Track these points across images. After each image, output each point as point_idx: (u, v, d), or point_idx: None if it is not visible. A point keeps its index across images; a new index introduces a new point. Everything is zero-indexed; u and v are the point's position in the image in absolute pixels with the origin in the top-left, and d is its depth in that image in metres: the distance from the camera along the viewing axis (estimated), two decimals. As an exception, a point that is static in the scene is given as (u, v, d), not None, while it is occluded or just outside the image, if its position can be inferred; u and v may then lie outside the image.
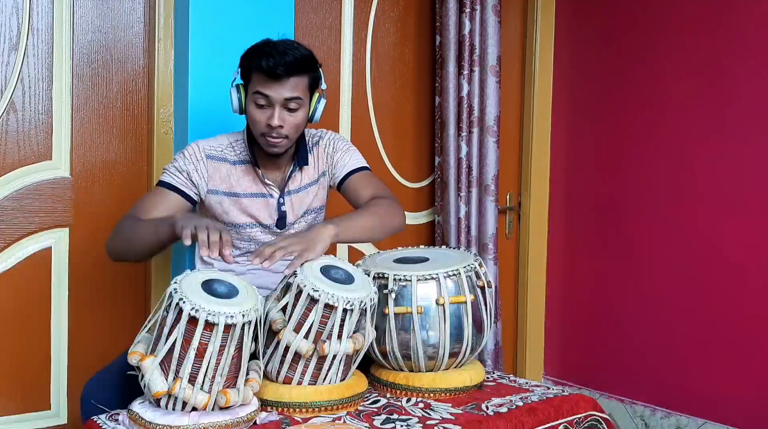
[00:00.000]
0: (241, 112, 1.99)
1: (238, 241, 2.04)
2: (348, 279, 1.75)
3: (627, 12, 3.05)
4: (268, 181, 2.04)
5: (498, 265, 3.10)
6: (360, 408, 1.76)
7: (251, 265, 1.96)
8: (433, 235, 3.11)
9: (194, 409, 1.56)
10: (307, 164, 2.07)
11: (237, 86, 1.98)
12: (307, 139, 2.11)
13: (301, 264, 1.72)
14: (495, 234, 3.04)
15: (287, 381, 1.72)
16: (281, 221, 2.05)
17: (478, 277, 1.88)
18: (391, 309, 1.80)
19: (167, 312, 1.57)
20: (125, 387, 1.78)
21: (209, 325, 1.53)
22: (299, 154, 2.05)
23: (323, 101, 2.02)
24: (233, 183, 2.02)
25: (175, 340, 1.54)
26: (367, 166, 2.14)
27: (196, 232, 1.66)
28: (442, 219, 3.03)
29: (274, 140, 1.94)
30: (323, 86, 2.01)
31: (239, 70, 1.98)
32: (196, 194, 2.02)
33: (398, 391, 1.84)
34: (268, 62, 1.87)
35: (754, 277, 2.70)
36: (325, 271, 1.74)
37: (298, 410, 1.69)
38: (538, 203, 3.32)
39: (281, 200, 2.04)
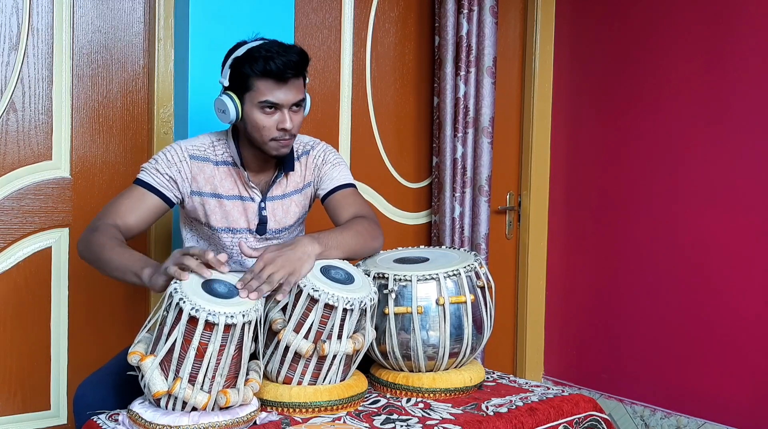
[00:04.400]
0: (237, 122, 1.92)
1: (221, 248, 2.01)
2: (348, 279, 1.75)
3: (628, 12, 3.05)
4: (252, 184, 1.98)
5: (489, 265, 3.10)
6: (360, 408, 1.76)
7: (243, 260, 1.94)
8: (431, 235, 3.11)
9: (194, 409, 1.56)
10: (292, 170, 2.02)
11: (229, 95, 1.88)
12: (296, 145, 2.06)
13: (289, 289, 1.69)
14: (487, 234, 3.05)
15: (287, 381, 1.72)
16: (262, 227, 2.00)
17: (478, 277, 1.88)
18: (391, 309, 1.80)
19: (167, 312, 1.57)
20: (119, 388, 1.78)
21: (209, 325, 1.53)
22: (286, 159, 1.99)
23: (308, 97, 1.98)
24: (217, 184, 1.97)
25: (175, 340, 1.54)
26: (354, 183, 2.09)
27: (180, 274, 1.59)
28: (438, 219, 3.04)
29: (286, 142, 1.90)
30: (307, 81, 1.97)
31: (229, 78, 1.89)
32: (176, 197, 1.96)
33: (398, 391, 1.84)
34: (276, 65, 1.81)
35: (755, 277, 2.70)
36: (325, 271, 1.74)
37: (298, 410, 1.69)
38: (538, 203, 3.32)
39: (262, 205, 2.00)
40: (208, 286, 1.61)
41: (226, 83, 1.90)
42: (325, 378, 1.72)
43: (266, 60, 1.82)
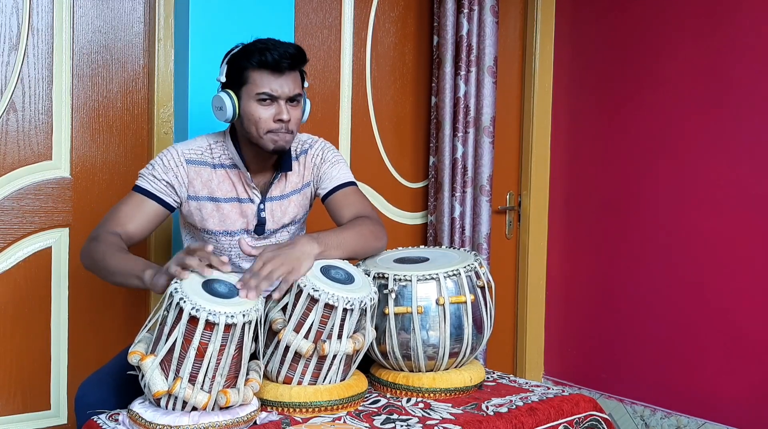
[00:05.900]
0: (234, 119, 1.91)
1: (219, 251, 2.00)
2: (348, 279, 1.75)
3: (628, 11, 3.05)
4: (252, 185, 1.97)
5: (491, 265, 3.10)
6: (360, 408, 1.76)
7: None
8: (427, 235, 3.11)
9: (194, 408, 1.56)
10: (290, 170, 2.00)
11: (226, 92, 1.89)
12: (294, 144, 2.05)
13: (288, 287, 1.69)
14: (489, 234, 3.05)
15: (287, 381, 1.72)
16: (260, 227, 2.00)
17: (478, 277, 1.87)
18: (391, 309, 1.80)
19: (168, 311, 1.57)
20: (119, 387, 1.78)
21: (210, 325, 1.53)
22: (284, 158, 1.98)
23: (308, 101, 1.99)
24: (214, 187, 1.96)
25: (176, 339, 1.54)
26: (354, 181, 2.08)
27: (181, 273, 1.59)
28: (435, 219, 3.03)
29: (283, 135, 1.89)
30: (305, 84, 1.97)
31: (225, 75, 1.90)
32: (175, 202, 1.95)
33: (398, 391, 1.84)
34: (272, 56, 1.83)
35: (754, 277, 2.70)
36: (325, 271, 1.74)
37: (298, 410, 1.69)
38: (538, 203, 3.32)
39: (261, 206, 1.99)
40: (209, 286, 1.61)
41: (223, 79, 1.92)
42: (325, 378, 1.72)
43: (262, 51, 1.84)
